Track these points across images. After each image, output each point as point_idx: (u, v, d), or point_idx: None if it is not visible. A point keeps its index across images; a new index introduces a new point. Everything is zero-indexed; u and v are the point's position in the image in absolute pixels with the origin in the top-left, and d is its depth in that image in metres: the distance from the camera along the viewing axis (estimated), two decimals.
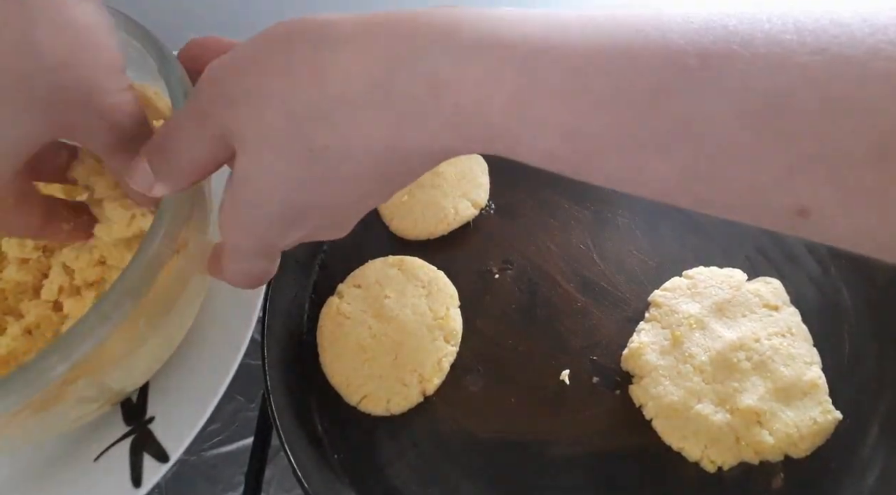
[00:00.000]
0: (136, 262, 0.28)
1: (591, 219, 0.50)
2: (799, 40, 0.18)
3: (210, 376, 0.39)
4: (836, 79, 0.17)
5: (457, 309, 0.46)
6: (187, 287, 0.35)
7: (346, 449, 0.42)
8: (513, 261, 0.48)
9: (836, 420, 0.39)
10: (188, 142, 0.25)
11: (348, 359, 0.44)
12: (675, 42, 0.19)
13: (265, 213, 0.25)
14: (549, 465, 0.40)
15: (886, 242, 0.19)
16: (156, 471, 0.37)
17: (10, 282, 0.38)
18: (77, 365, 0.28)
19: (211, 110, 0.24)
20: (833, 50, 0.18)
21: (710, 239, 0.48)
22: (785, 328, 0.42)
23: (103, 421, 0.39)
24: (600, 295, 0.46)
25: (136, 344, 0.33)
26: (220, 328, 0.42)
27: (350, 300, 0.46)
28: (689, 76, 0.19)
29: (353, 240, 0.50)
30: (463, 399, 0.43)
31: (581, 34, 0.20)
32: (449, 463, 0.41)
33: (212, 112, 0.24)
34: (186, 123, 0.25)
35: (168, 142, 0.26)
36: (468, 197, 0.50)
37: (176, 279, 0.33)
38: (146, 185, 0.26)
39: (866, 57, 0.17)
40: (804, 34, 0.18)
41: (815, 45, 0.18)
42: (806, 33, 0.18)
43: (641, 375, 0.41)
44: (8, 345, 0.35)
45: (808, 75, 0.18)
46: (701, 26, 0.19)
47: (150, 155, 0.26)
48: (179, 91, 0.31)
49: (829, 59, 0.18)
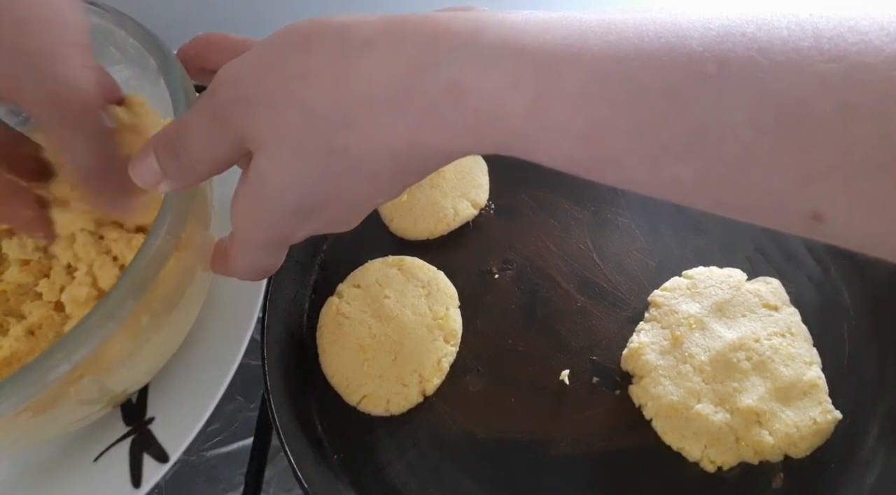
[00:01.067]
0: (139, 259, 0.29)
1: (591, 219, 0.50)
2: (817, 48, 0.18)
3: (210, 376, 0.39)
4: (854, 87, 0.18)
5: (456, 309, 0.46)
6: (190, 284, 0.35)
7: (346, 449, 0.42)
8: (513, 261, 0.48)
9: (836, 420, 0.39)
10: (203, 143, 0.25)
11: (348, 359, 0.44)
12: (693, 49, 0.19)
13: (281, 209, 0.25)
14: (549, 465, 0.40)
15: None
16: (156, 472, 0.37)
17: (11, 283, 0.38)
18: (81, 363, 0.28)
19: (229, 114, 0.24)
20: (851, 58, 0.18)
21: (710, 239, 0.48)
22: (785, 328, 0.42)
23: (103, 421, 0.39)
24: (600, 295, 0.46)
25: (140, 343, 0.33)
26: (219, 328, 0.42)
27: (350, 300, 0.46)
28: (708, 82, 0.19)
29: (353, 240, 0.50)
30: (463, 399, 0.43)
31: (602, 41, 0.20)
32: (448, 463, 0.41)
33: (230, 115, 0.24)
34: (201, 124, 0.25)
35: (181, 141, 0.26)
36: (468, 197, 0.50)
37: (179, 276, 0.33)
38: (152, 182, 0.26)
39: (885, 66, 0.17)
40: (822, 42, 0.18)
41: (833, 53, 0.18)
42: (824, 41, 0.18)
43: (641, 375, 0.41)
44: (11, 346, 0.35)
45: (826, 83, 0.18)
46: (719, 33, 0.19)
47: (159, 152, 0.26)
48: (180, 89, 0.31)
49: (848, 67, 0.18)
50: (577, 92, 0.20)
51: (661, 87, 0.19)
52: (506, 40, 0.21)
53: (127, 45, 0.38)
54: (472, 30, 0.22)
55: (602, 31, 0.20)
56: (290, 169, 0.24)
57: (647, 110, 0.20)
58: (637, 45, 0.20)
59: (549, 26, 0.21)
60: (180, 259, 0.32)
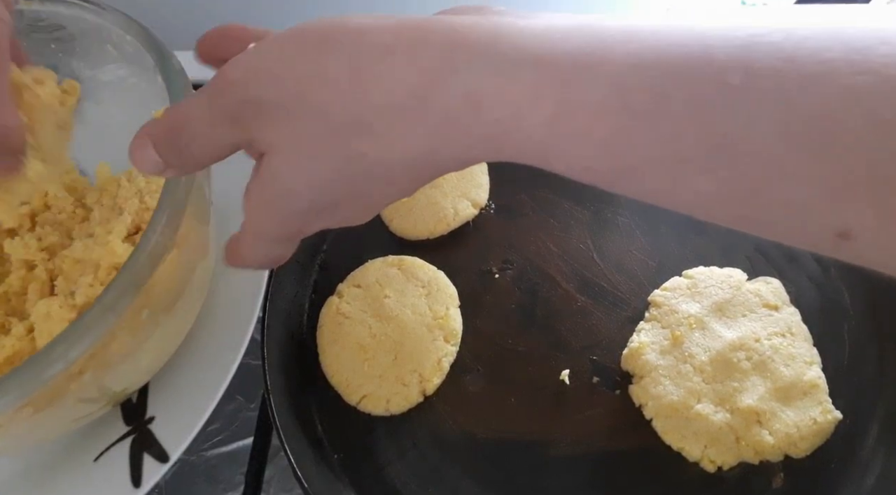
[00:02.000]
0: (137, 253, 0.29)
1: (591, 219, 0.50)
2: (846, 59, 0.17)
3: (210, 376, 0.39)
4: (883, 101, 0.17)
5: (457, 308, 0.46)
6: (189, 280, 0.35)
7: (346, 449, 0.42)
8: (513, 261, 0.48)
9: (836, 420, 0.39)
10: (209, 140, 0.25)
11: (348, 358, 0.44)
12: (717, 58, 0.19)
13: (294, 206, 0.26)
14: (549, 465, 0.40)
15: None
16: (156, 471, 0.37)
17: (13, 284, 0.38)
18: (81, 358, 0.28)
19: (240, 114, 0.24)
20: (881, 71, 0.17)
21: (710, 239, 0.48)
22: (785, 328, 0.42)
23: (103, 421, 0.39)
24: (600, 295, 0.46)
25: (140, 339, 0.33)
26: (220, 328, 0.42)
27: (350, 300, 0.46)
28: (732, 93, 0.18)
29: (353, 240, 0.50)
30: (463, 399, 0.43)
31: (624, 50, 0.20)
32: (448, 462, 0.41)
33: (241, 116, 0.24)
34: (207, 122, 0.25)
35: (185, 137, 0.25)
36: (468, 197, 0.50)
37: (178, 271, 0.33)
38: (156, 171, 0.26)
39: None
40: (851, 53, 0.18)
41: (862, 66, 0.17)
42: (853, 52, 0.17)
43: (641, 375, 0.41)
44: (13, 345, 0.35)
45: (855, 96, 0.17)
46: (745, 42, 0.18)
47: (161, 145, 0.25)
48: (179, 84, 0.31)
49: (877, 80, 0.17)
50: (598, 102, 0.20)
51: (683, 98, 0.19)
52: (525, 50, 0.21)
53: (124, 43, 0.38)
54: (490, 38, 0.21)
55: (623, 39, 0.20)
56: (305, 171, 0.24)
57: (668, 121, 0.19)
58: (659, 53, 0.19)
59: (568, 34, 0.21)
60: (179, 253, 0.32)
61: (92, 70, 0.42)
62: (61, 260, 0.38)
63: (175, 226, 0.30)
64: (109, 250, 0.35)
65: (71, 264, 0.38)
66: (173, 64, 0.33)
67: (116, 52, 0.40)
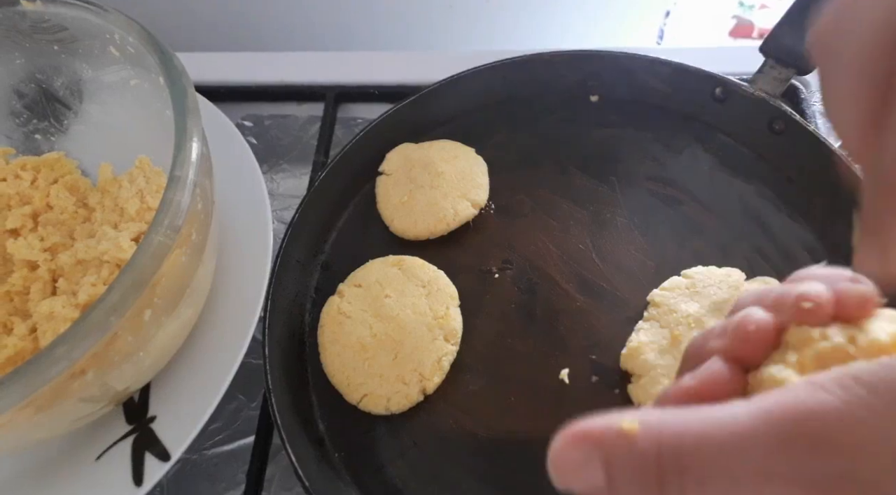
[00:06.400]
0: (140, 254, 0.29)
1: (590, 219, 0.50)
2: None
3: (211, 375, 0.40)
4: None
5: (457, 308, 0.46)
6: (192, 281, 0.36)
7: (347, 448, 0.42)
8: (512, 261, 0.48)
9: None
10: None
11: (349, 358, 0.44)
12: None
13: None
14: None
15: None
16: (157, 470, 0.37)
17: (16, 284, 0.38)
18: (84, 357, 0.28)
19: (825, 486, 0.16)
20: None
21: (709, 239, 0.48)
22: None
23: (105, 420, 0.39)
24: (599, 294, 0.46)
25: (142, 339, 0.33)
26: (221, 328, 0.42)
27: (351, 299, 0.46)
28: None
29: (354, 240, 0.50)
30: (463, 398, 0.43)
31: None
32: (449, 461, 0.41)
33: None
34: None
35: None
36: (468, 197, 0.50)
37: (180, 272, 0.33)
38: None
39: None
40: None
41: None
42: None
43: (640, 374, 0.41)
44: (15, 344, 0.36)
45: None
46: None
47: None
48: (181, 85, 0.31)
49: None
50: None
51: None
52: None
53: (126, 45, 0.38)
54: None
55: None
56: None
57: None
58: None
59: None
60: (181, 255, 0.32)
61: (95, 71, 0.43)
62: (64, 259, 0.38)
63: (177, 226, 0.31)
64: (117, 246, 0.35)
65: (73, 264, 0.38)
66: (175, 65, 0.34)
67: (119, 53, 0.40)
